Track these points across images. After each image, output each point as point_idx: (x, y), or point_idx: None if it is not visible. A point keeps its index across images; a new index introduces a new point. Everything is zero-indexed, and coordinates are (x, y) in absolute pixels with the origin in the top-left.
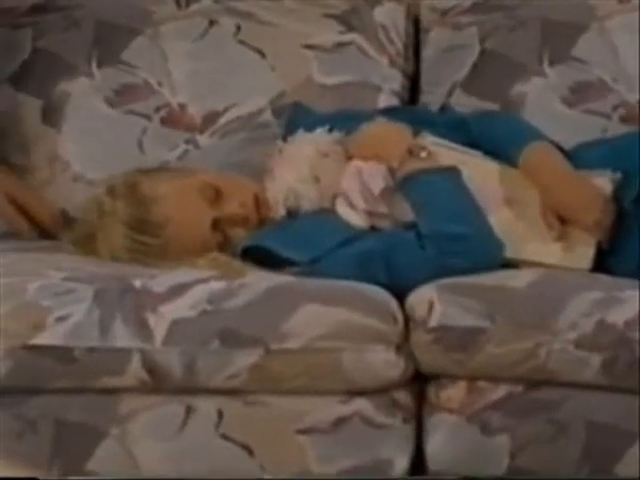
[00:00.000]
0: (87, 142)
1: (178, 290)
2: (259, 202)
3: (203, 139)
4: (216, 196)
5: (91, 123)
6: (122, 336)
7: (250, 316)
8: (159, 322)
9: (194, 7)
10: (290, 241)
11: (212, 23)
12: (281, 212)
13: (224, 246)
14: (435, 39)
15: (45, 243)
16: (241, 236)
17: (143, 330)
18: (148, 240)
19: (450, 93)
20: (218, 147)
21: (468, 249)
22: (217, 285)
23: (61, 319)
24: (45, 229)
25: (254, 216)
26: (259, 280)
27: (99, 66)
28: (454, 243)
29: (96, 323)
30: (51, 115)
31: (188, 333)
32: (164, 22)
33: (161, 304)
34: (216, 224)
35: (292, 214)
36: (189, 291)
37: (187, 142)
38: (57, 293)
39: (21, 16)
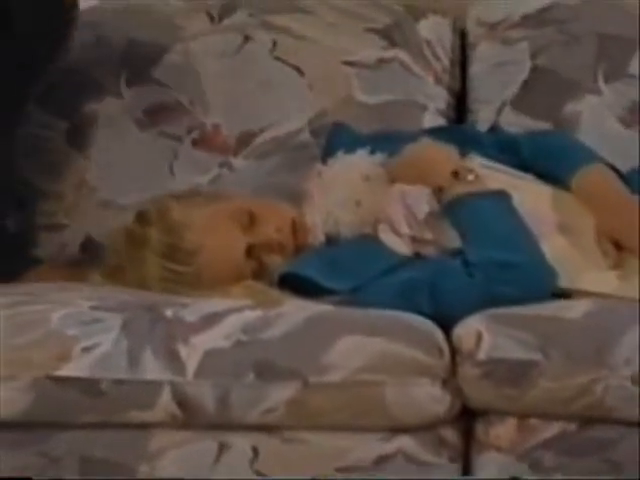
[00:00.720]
0: (115, 166)
1: (211, 320)
2: (296, 227)
3: (237, 162)
4: (251, 221)
5: (119, 145)
6: (152, 368)
7: (287, 347)
8: (191, 353)
9: (228, 22)
10: (329, 269)
11: (247, 39)
12: (320, 238)
13: (259, 274)
14: (483, 54)
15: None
16: (277, 263)
17: (174, 362)
18: (180, 268)
19: (499, 112)
20: (253, 170)
21: (519, 277)
22: (252, 314)
23: (87, 349)
24: None
25: (291, 242)
26: (297, 309)
27: (128, 85)
28: (504, 271)
29: (124, 354)
30: (77, 137)
31: (221, 365)
32: (196, 38)
33: (193, 334)
34: (251, 251)
35: (331, 240)
36: (223, 321)
37: (221, 165)
38: (84, 322)
39: None
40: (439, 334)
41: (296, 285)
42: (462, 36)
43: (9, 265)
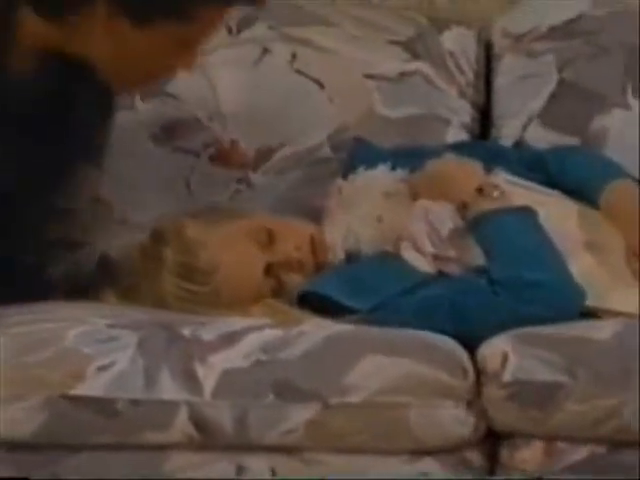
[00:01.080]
0: (131, 182)
1: (229, 339)
2: (316, 245)
3: (256, 177)
4: (269, 239)
5: (135, 161)
6: (168, 388)
7: (308, 367)
8: (208, 373)
9: (246, 34)
10: (350, 287)
11: (266, 51)
12: (340, 256)
13: (278, 292)
14: (508, 67)
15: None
16: (296, 282)
17: (191, 381)
18: (196, 288)
19: (525, 126)
20: (272, 186)
21: (546, 297)
22: (272, 333)
23: (103, 368)
24: None
25: (310, 260)
26: (317, 328)
27: (143, 99)
28: (530, 290)
29: (141, 373)
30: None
31: (240, 385)
32: (213, 50)
33: (211, 353)
34: (269, 269)
35: (352, 258)
36: (241, 340)
37: (239, 181)
38: (99, 340)
39: None
40: (463, 354)
41: (316, 304)
42: (487, 48)
43: (25, 289)
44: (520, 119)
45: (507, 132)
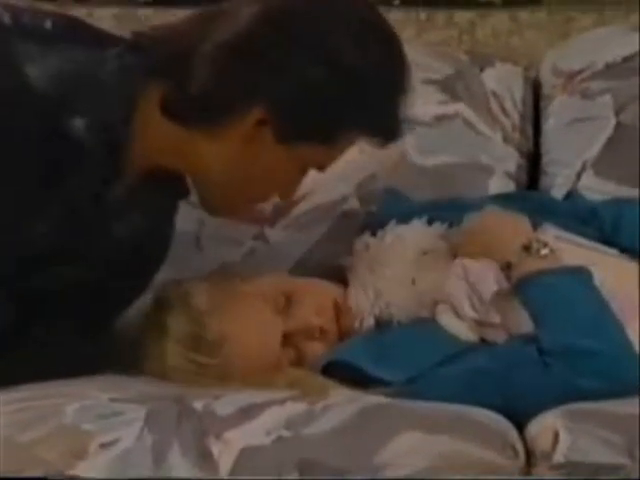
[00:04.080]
0: None
1: (248, 413)
2: (340, 311)
3: (274, 233)
4: (287, 304)
5: None
6: (179, 466)
7: (336, 444)
8: (224, 451)
9: None
10: (381, 357)
11: None
12: (368, 323)
13: (298, 365)
14: (560, 109)
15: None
16: (318, 352)
17: (205, 460)
18: (204, 360)
19: (578, 176)
20: (292, 243)
21: (602, 368)
22: (295, 407)
23: (106, 445)
24: None
25: (334, 328)
26: (346, 401)
27: None
28: (584, 360)
29: (149, 451)
30: None
31: (260, 464)
32: None
33: (227, 429)
34: (288, 339)
35: (382, 324)
36: (261, 414)
37: (255, 238)
38: (102, 415)
39: None
40: (513, 432)
41: (342, 375)
42: (535, 87)
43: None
44: (572, 167)
45: (558, 182)
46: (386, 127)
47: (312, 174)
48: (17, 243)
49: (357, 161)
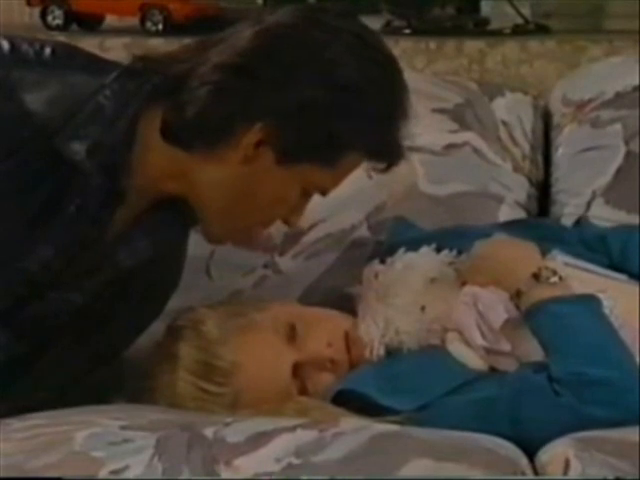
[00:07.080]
0: None
1: (258, 440)
2: (350, 341)
3: (284, 262)
4: (298, 335)
5: None
6: None
7: (346, 472)
8: (235, 478)
9: None
10: (390, 386)
11: None
12: (379, 352)
13: (307, 395)
14: (570, 138)
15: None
16: (329, 383)
17: None
18: (215, 389)
19: (589, 205)
20: (302, 272)
21: (612, 396)
22: (306, 434)
23: (116, 473)
24: None
25: (345, 359)
26: (356, 429)
27: None
28: (595, 389)
29: (159, 478)
30: None
31: None
32: None
33: (237, 456)
34: (298, 369)
35: (392, 353)
36: (271, 441)
37: (265, 266)
38: (112, 443)
39: None
40: (523, 459)
41: (352, 404)
42: (545, 117)
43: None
44: (583, 197)
45: (569, 211)
46: (386, 149)
47: (321, 202)
48: (18, 270)
49: (367, 190)
